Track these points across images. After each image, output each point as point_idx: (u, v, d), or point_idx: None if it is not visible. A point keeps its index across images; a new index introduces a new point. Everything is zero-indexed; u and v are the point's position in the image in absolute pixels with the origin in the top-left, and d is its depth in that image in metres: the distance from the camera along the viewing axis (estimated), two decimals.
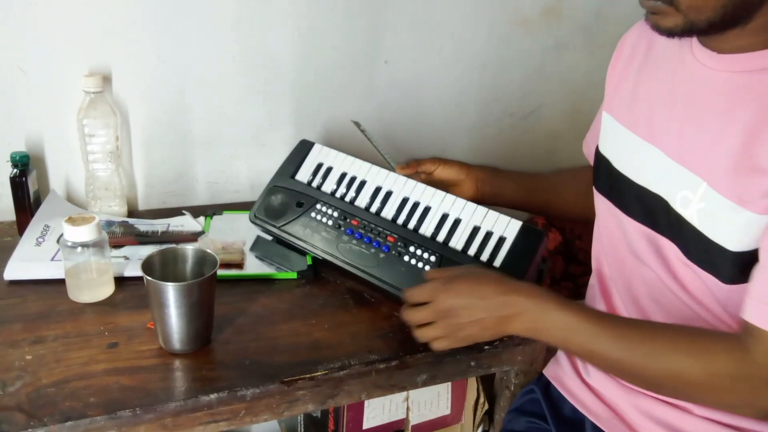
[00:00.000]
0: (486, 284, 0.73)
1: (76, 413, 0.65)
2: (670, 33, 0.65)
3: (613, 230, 0.81)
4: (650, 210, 0.73)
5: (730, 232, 0.64)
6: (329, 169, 0.96)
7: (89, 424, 0.65)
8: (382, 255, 0.87)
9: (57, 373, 0.70)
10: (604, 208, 0.82)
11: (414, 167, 0.95)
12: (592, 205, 0.88)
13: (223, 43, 1.06)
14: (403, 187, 0.92)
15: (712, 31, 0.64)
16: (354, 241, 0.89)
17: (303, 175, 0.97)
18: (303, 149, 0.99)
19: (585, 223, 0.93)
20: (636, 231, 0.75)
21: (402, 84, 1.20)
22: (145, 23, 1.00)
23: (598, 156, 0.83)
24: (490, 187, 0.97)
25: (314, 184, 0.96)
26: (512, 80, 1.28)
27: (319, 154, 0.98)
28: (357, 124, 1.03)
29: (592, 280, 0.89)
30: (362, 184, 0.93)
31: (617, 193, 0.79)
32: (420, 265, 0.84)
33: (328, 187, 0.95)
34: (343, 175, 0.95)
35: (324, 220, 0.92)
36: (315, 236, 0.91)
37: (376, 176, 0.93)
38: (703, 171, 0.66)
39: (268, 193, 0.97)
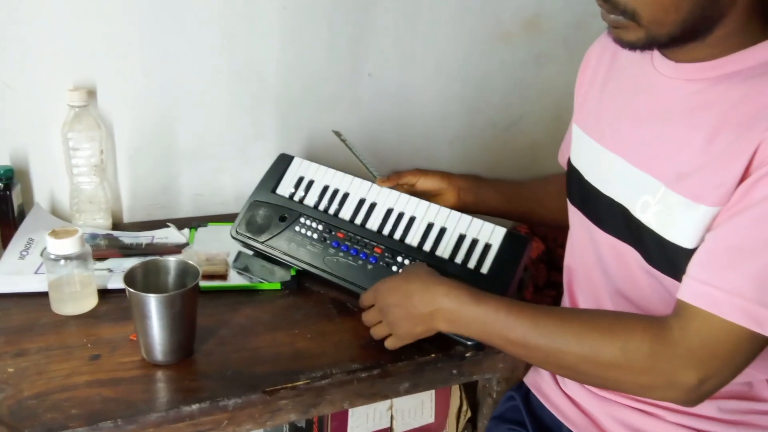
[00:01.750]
0: (413, 282, 0.76)
1: (58, 425, 0.65)
2: (632, 46, 0.67)
3: (585, 244, 0.82)
4: (616, 219, 0.75)
5: (684, 230, 0.65)
6: (311, 183, 0.96)
7: None
8: (369, 266, 0.87)
9: (39, 385, 0.70)
10: (576, 220, 0.83)
11: (395, 180, 0.96)
12: None
13: (209, 57, 1.07)
14: (386, 198, 0.93)
15: (673, 44, 0.66)
16: (341, 254, 0.89)
17: (284, 188, 0.97)
18: (282, 163, 0.99)
19: (567, 231, 0.95)
20: (606, 243, 0.77)
21: (386, 97, 1.21)
22: (130, 37, 1.01)
23: (571, 168, 0.85)
24: (473, 196, 0.98)
25: (296, 197, 0.96)
26: (494, 92, 1.30)
27: (299, 168, 0.98)
28: (337, 133, 1.04)
29: (564, 298, 0.90)
30: (345, 196, 0.94)
31: (588, 205, 0.80)
32: None
33: (311, 200, 0.95)
34: (325, 188, 0.95)
35: (308, 233, 0.92)
36: (300, 250, 0.91)
37: (358, 188, 0.94)
38: (662, 175, 0.68)
39: (250, 208, 0.97)
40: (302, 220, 0.93)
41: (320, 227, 0.92)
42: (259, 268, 0.94)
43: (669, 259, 0.68)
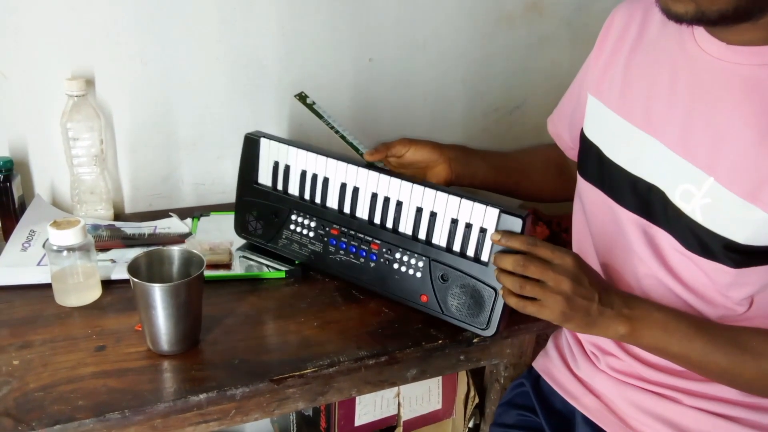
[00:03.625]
0: (604, 280, 0.71)
1: (65, 417, 0.64)
2: (679, 19, 0.62)
3: (605, 221, 0.79)
4: (646, 200, 0.72)
5: (740, 228, 0.64)
6: (287, 168, 0.91)
7: (78, 427, 0.64)
8: (372, 264, 0.85)
9: (45, 377, 0.70)
10: (593, 197, 0.79)
11: (383, 152, 0.87)
12: (561, 185, 0.88)
13: (207, 44, 1.06)
14: (367, 181, 0.86)
15: (723, 22, 0.62)
16: (341, 252, 0.87)
17: (264, 177, 0.93)
18: (252, 147, 0.93)
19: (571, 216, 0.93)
20: (630, 222, 0.74)
21: (387, 81, 1.20)
22: (127, 25, 1.00)
23: (585, 141, 0.81)
24: (464, 167, 0.92)
25: (279, 187, 0.92)
26: (497, 76, 1.29)
27: (269, 151, 0.92)
28: (303, 98, 0.91)
29: None
30: (326, 181, 0.88)
31: (609, 181, 0.77)
32: (411, 272, 0.82)
33: (294, 188, 0.91)
34: (303, 174, 0.89)
35: (305, 232, 0.90)
36: (304, 249, 0.90)
37: (335, 171, 0.87)
38: (709, 166, 0.65)
39: (241, 210, 0.94)
40: (293, 216, 0.90)
41: (313, 224, 0.89)
42: (265, 254, 0.94)
43: (714, 247, 0.66)
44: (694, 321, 0.68)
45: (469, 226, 0.79)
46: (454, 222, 0.80)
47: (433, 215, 0.82)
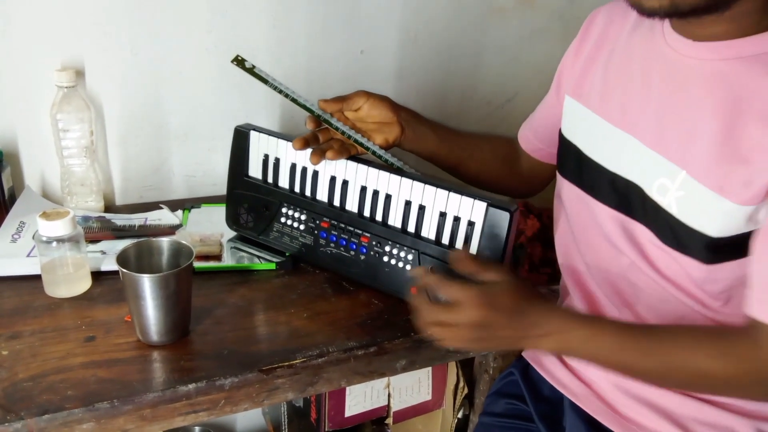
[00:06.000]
0: (523, 301, 0.69)
1: (54, 406, 0.65)
2: (652, 13, 0.63)
3: (585, 218, 0.80)
4: (624, 196, 0.74)
5: (711, 220, 0.65)
6: (277, 161, 0.91)
7: (67, 417, 0.65)
8: (362, 257, 0.86)
9: (34, 367, 0.70)
10: (572, 195, 0.81)
11: (339, 103, 0.86)
12: (505, 177, 0.92)
13: (198, 35, 1.05)
14: (356, 174, 0.86)
15: (693, 14, 0.63)
16: (331, 245, 0.88)
17: (254, 170, 0.93)
18: (241, 140, 0.93)
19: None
20: (609, 217, 0.76)
21: (378, 73, 1.20)
22: (117, 16, 1.00)
23: (564, 142, 0.83)
24: (413, 132, 0.90)
25: (269, 180, 0.92)
26: (489, 69, 1.29)
27: (259, 144, 0.92)
28: (240, 62, 0.87)
29: (563, 281, 0.88)
30: (315, 174, 0.89)
31: (588, 179, 0.78)
32: (400, 264, 0.83)
33: (284, 181, 0.91)
34: (293, 167, 0.90)
35: (295, 225, 0.90)
36: (295, 242, 0.91)
37: (324, 164, 0.88)
38: (682, 159, 0.67)
39: (232, 202, 0.95)
40: (284, 209, 0.91)
41: (303, 217, 0.89)
42: (256, 246, 0.94)
43: (688, 241, 0.67)
44: (622, 331, 0.68)
45: (457, 219, 0.80)
46: (443, 215, 0.81)
47: (421, 208, 0.82)
